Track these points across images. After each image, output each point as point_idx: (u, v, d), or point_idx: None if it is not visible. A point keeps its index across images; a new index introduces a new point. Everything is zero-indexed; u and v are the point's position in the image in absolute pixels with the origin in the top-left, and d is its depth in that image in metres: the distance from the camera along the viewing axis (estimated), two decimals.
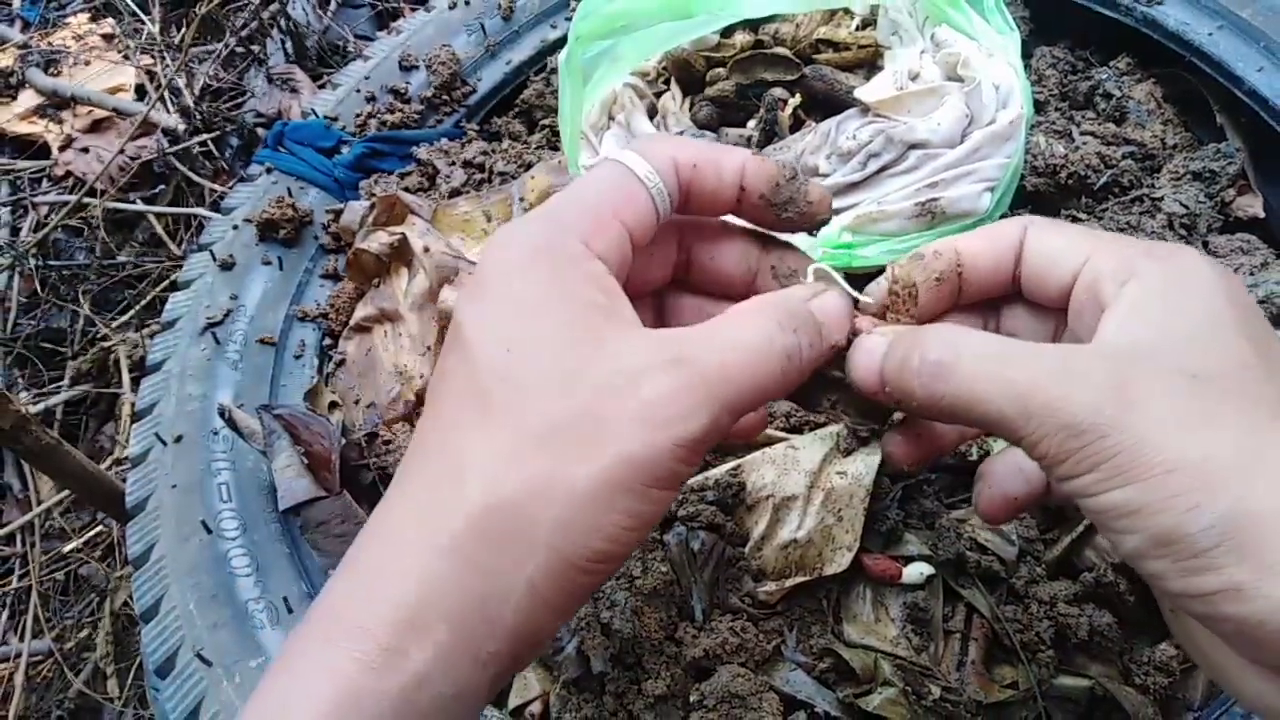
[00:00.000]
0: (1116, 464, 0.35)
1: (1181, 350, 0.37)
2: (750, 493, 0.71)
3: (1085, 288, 0.41)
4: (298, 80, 1.66)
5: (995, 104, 0.77)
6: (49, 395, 1.45)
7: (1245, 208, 0.88)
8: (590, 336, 0.38)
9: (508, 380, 0.38)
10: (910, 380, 0.39)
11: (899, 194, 0.74)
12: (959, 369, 0.38)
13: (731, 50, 0.92)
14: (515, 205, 0.89)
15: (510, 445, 0.37)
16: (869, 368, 0.42)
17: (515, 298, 0.40)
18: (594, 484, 0.36)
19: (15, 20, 1.95)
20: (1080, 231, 0.44)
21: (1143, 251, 0.40)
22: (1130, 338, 0.38)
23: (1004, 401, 0.37)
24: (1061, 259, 0.43)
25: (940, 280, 0.46)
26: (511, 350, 0.38)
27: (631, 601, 0.65)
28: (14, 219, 1.65)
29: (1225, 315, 0.37)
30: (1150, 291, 0.39)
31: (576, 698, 0.64)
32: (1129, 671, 0.63)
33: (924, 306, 0.46)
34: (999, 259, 0.45)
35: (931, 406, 0.39)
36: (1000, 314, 0.48)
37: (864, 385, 0.43)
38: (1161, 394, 0.35)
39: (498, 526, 0.37)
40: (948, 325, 0.43)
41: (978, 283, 0.46)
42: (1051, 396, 0.36)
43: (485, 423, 0.38)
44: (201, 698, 0.66)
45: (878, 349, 0.42)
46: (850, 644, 0.65)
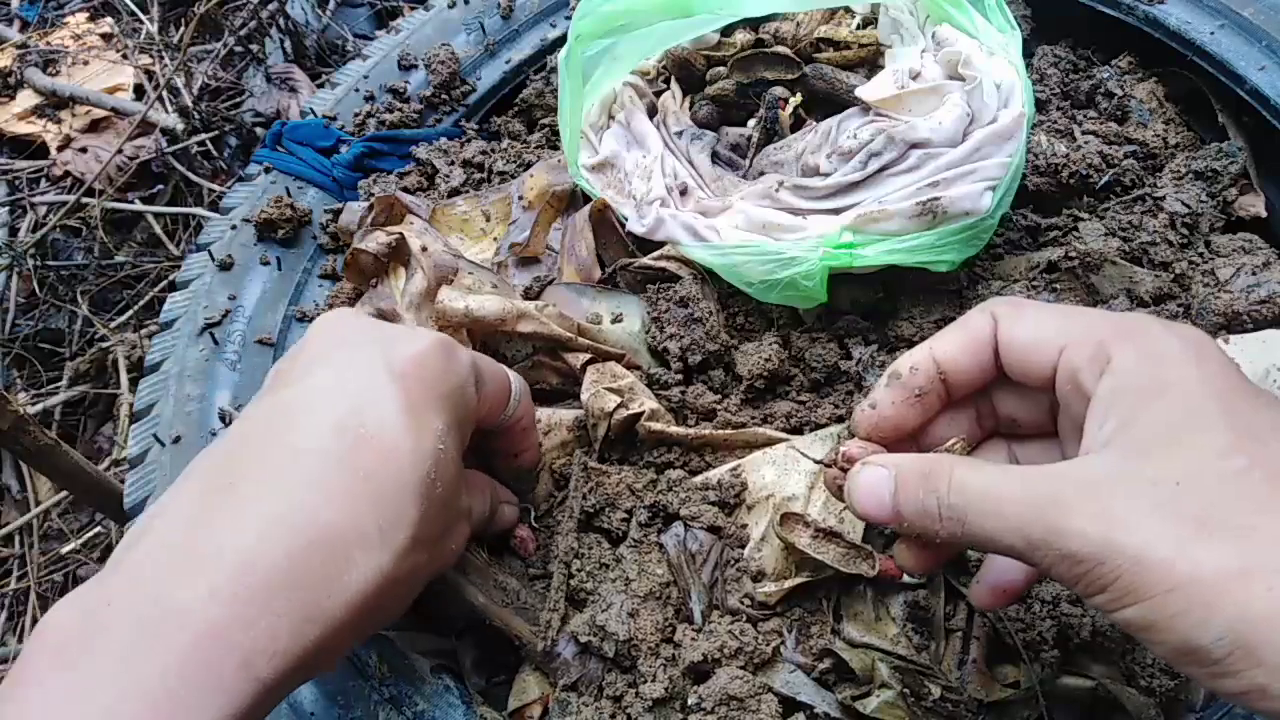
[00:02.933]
0: (1120, 587, 0.36)
1: (1163, 454, 0.38)
2: (751, 492, 0.70)
3: (1066, 379, 0.43)
4: (296, 79, 1.66)
5: (997, 103, 0.77)
6: (47, 396, 1.45)
7: (1247, 207, 0.88)
8: (462, 475, 0.55)
9: (432, 485, 0.49)
10: (932, 524, 0.42)
11: (900, 193, 0.74)
12: (969, 511, 0.41)
13: (732, 49, 0.92)
14: (515, 204, 0.89)
15: (417, 536, 0.48)
16: (879, 503, 0.45)
17: (445, 408, 0.51)
18: (429, 577, 0.53)
19: (14, 20, 1.95)
20: (1049, 314, 0.45)
21: (1114, 334, 0.41)
22: (1113, 444, 0.39)
23: (1011, 538, 0.39)
24: (1038, 350, 0.44)
25: (922, 394, 0.47)
26: (439, 460, 0.49)
27: (627, 604, 0.64)
28: (12, 219, 1.64)
29: (1203, 399, 0.39)
30: (1125, 387, 0.40)
31: (575, 702, 0.63)
32: (1132, 673, 0.63)
33: (916, 418, 0.48)
34: (977, 357, 0.47)
35: (952, 542, 0.42)
36: (992, 399, 0.50)
37: (873, 518, 0.45)
38: (1149, 511, 0.37)
39: (390, 594, 0.47)
40: (950, 461, 0.44)
41: (963, 383, 0.48)
42: (1048, 531, 0.38)
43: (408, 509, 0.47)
44: None
45: (885, 486, 0.44)
46: (851, 643, 0.65)
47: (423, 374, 0.50)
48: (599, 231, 0.83)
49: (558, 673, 0.64)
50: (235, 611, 0.40)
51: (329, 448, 0.45)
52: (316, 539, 0.43)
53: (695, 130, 0.88)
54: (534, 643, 0.65)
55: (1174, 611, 0.35)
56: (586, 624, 0.64)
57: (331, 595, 0.42)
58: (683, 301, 0.77)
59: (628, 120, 0.88)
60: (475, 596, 0.65)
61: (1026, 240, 0.85)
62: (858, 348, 0.77)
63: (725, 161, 0.87)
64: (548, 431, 0.73)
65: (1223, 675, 0.35)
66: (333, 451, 0.45)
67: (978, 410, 0.51)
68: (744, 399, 0.76)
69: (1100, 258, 0.79)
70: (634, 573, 0.66)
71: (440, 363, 0.51)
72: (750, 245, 0.74)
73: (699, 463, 0.73)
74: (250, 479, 0.44)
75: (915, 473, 0.43)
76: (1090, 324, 0.43)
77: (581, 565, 0.68)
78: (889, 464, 0.45)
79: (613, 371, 0.74)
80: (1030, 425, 0.50)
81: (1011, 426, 0.51)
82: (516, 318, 0.72)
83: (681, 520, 0.69)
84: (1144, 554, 0.36)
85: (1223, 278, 0.78)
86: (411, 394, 0.48)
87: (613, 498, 0.70)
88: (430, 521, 0.47)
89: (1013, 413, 0.50)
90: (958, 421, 0.51)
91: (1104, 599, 0.37)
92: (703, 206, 0.80)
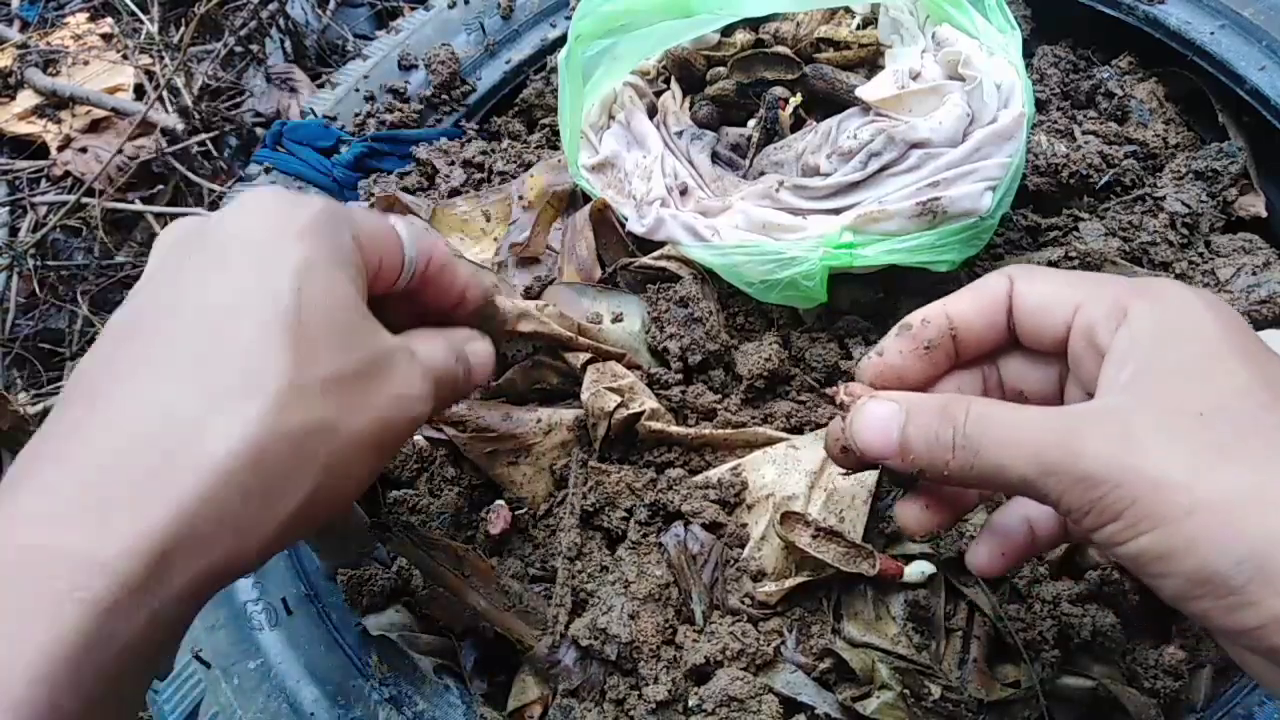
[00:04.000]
0: (1136, 511, 0.35)
1: (1183, 389, 0.37)
2: (751, 492, 0.70)
3: (1081, 335, 0.42)
4: (296, 80, 1.66)
5: (997, 103, 0.77)
6: (47, 396, 1.45)
7: (1247, 207, 0.88)
8: (361, 312, 0.44)
9: (298, 319, 0.40)
10: (943, 454, 0.41)
11: (900, 193, 0.74)
12: (985, 440, 0.39)
13: (732, 49, 0.92)
14: (515, 204, 0.89)
15: (299, 381, 0.39)
16: (884, 435, 0.43)
17: (302, 247, 0.42)
18: (360, 438, 0.41)
19: (14, 20, 1.95)
20: (1066, 277, 0.45)
21: (1131, 291, 0.41)
22: (1132, 384, 0.38)
23: (1025, 465, 0.38)
24: (1053, 309, 0.44)
25: (930, 348, 0.46)
26: (301, 290, 0.40)
27: (628, 606, 0.64)
28: (12, 219, 1.64)
29: (1221, 345, 0.38)
30: (1144, 333, 0.39)
31: (578, 707, 0.63)
32: (1133, 673, 0.63)
33: (922, 372, 0.47)
34: (990, 317, 0.46)
35: (959, 477, 0.41)
36: (999, 366, 0.49)
37: (873, 451, 0.43)
38: (1170, 436, 0.36)
39: (278, 456, 0.38)
40: (967, 397, 0.43)
41: (973, 342, 0.47)
42: (1065, 453, 0.37)
43: (272, 350, 0.39)
44: (200, 699, 0.66)
45: (893, 418, 0.43)
46: (851, 642, 0.65)
47: (263, 221, 0.43)
48: (599, 231, 0.83)
49: (559, 678, 0.64)
50: (63, 516, 0.34)
51: (169, 327, 0.40)
52: (157, 419, 0.36)
53: (695, 130, 0.88)
54: (536, 645, 0.65)
55: (1192, 535, 0.34)
56: (587, 627, 0.64)
57: (185, 469, 0.35)
58: (683, 301, 0.77)
59: (628, 120, 0.88)
60: (477, 600, 0.65)
61: (1026, 240, 0.85)
62: (858, 348, 0.77)
63: (725, 161, 0.87)
64: (548, 431, 0.73)
65: (1240, 607, 0.34)
66: (176, 330, 0.40)
67: (984, 379, 0.50)
68: (744, 399, 0.76)
69: (1100, 258, 0.79)
70: (633, 574, 0.66)
71: (283, 206, 0.44)
72: (750, 245, 0.74)
73: (699, 462, 0.73)
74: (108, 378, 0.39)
75: (930, 406, 0.42)
76: (1106, 284, 0.43)
77: (582, 567, 0.68)
78: (898, 398, 0.44)
79: (613, 371, 0.74)
80: (1037, 397, 0.49)
81: (1018, 399, 0.50)
82: (517, 317, 0.72)
83: (682, 519, 0.69)
84: (1163, 477, 0.35)
85: (1223, 278, 0.78)
86: (249, 238, 0.42)
87: (612, 497, 0.70)
88: (317, 361, 0.40)
89: (1020, 383, 0.49)
90: (960, 386, 0.50)
91: (1117, 527, 0.36)
92: (703, 206, 0.80)
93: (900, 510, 0.48)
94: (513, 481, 0.73)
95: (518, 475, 0.73)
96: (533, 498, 0.73)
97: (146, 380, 0.38)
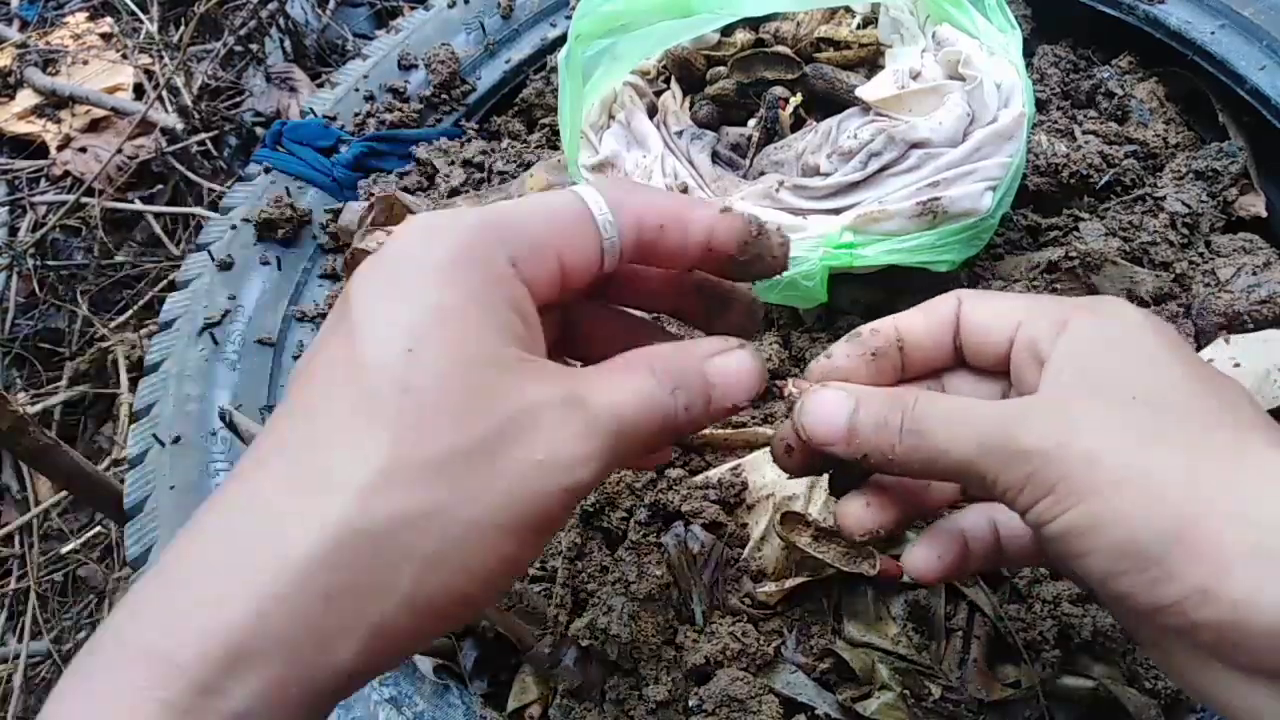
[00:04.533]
0: (1067, 486, 0.36)
1: (1118, 378, 0.39)
2: (751, 492, 0.70)
3: (1024, 347, 0.43)
4: (296, 79, 1.66)
5: (997, 103, 0.77)
6: (47, 396, 1.45)
7: (1248, 207, 0.88)
8: (500, 364, 0.36)
9: (405, 389, 0.34)
10: (889, 438, 0.41)
11: (900, 193, 0.74)
12: (932, 421, 0.41)
13: (732, 49, 0.92)
14: None
15: (394, 465, 0.33)
16: (831, 421, 0.43)
17: (428, 293, 0.36)
18: (479, 524, 0.34)
19: (13, 20, 1.95)
20: (1012, 298, 0.47)
21: (1073, 306, 0.42)
22: (1070, 376, 0.40)
23: (966, 446, 0.39)
24: (997, 325, 0.45)
25: (877, 356, 0.47)
26: (414, 351, 0.34)
27: (628, 606, 0.64)
28: (12, 219, 1.64)
29: (1157, 348, 0.40)
30: (1083, 338, 0.41)
31: (578, 708, 0.63)
32: (1134, 674, 0.63)
33: (868, 379, 0.47)
34: (937, 332, 0.47)
35: (903, 461, 0.42)
36: (944, 382, 0.49)
37: (820, 435, 0.43)
38: (1104, 417, 0.37)
39: (360, 553, 0.33)
40: (915, 389, 0.45)
41: (919, 356, 0.48)
42: (1004, 433, 0.38)
43: (367, 430, 0.34)
44: None
45: (843, 405, 0.43)
46: (852, 642, 0.65)
47: (392, 264, 0.37)
48: None
49: (559, 678, 0.64)
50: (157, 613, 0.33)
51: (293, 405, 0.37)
52: (252, 514, 0.34)
53: (695, 130, 0.88)
54: (536, 645, 0.65)
55: (1117, 507, 0.35)
56: (588, 627, 0.64)
57: (263, 569, 0.32)
58: None
59: (628, 120, 0.88)
60: None
61: (1027, 240, 0.85)
62: None
63: (725, 161, 0.87)
64: None
65: (1161, 581, 0.34)
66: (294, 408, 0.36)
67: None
68: None
69: (1100, 258, 0.79)
70: (633, 574, 0.66)
71: (419, 239, 0.37)
72: None
73: (699, 462, 0.73)
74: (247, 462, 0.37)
75: (879, 393, 0.43)
76: (1050, 302, 0.44)
77: (582, 567, 0.68)
78: (848, 388, 0.44)
79: None
80: None
81: None
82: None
83: (682, 519, 0.69)
84: (1094, 453, 0.36)
85: (1223, 278, 0.78)
86: (372, 288, 0.37)
87: (612, 497, 0.70)
88: (424, 438, 0.34)
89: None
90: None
91: (1046, 503, 0.37)
92: None
93: (841, 508, 0.47)
94: None
95: None
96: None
97: (253, 471, 0.35)
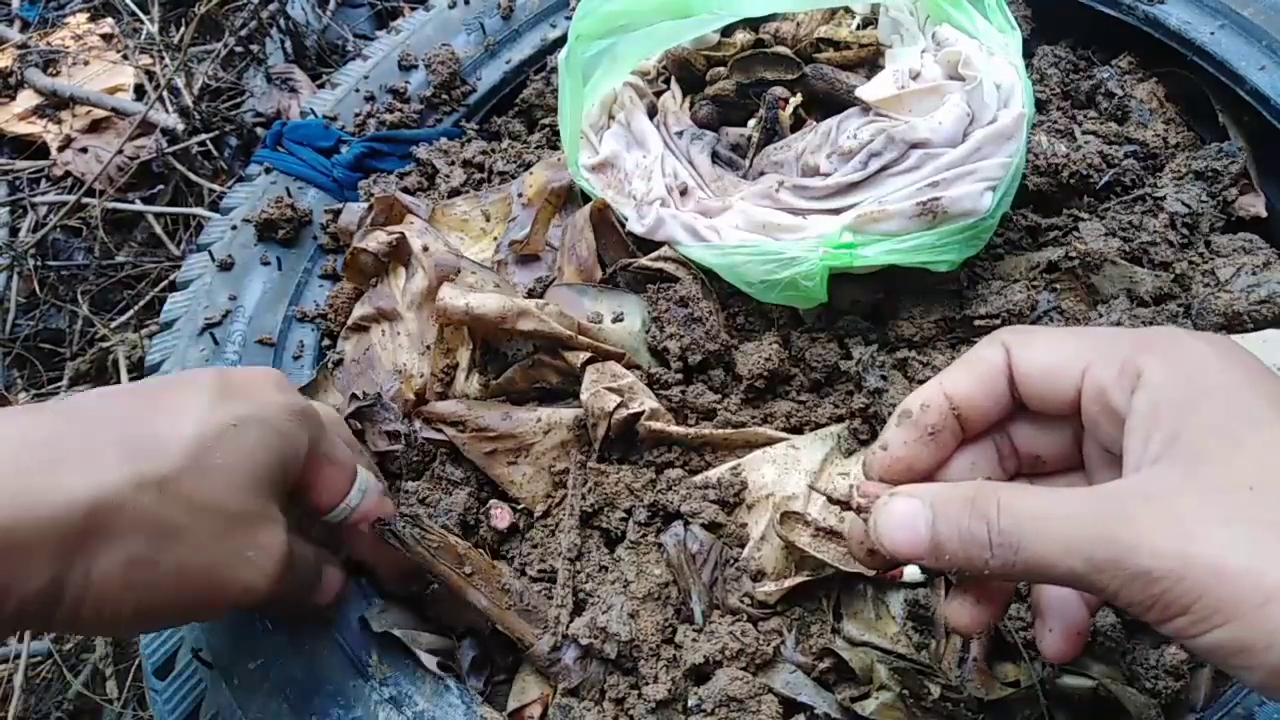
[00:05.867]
0: (1205, 606, 0.32)
1: (1223, 459, 0.35)
2: (751, 492, 0.70)
3: (1093, 400, 0.40)
4: (297, 80, 1.66)
5: (997, 103, 0.77)
6: (47, 396, 1.45)
7: (1247, 207, 0.88)
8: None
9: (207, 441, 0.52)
10: (980, 554, 0.38)
11: (900, 193, 0.74)
12: (1024, 535, 0.36)
13: (732, 49, 0.92)
14: (515, 204, 0.89)
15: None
16: (913, 538, 0.40)
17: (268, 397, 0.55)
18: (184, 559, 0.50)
19: (14, 20, 1.95)
20: (1065, 337, 0.43)
21: (1139, 347, 0.39)
22: (1165, 456, 0.36)
23: (1072, 560, 0.35)
24: (1058, 375, 0.41)
25: (935, 432, 0.44)
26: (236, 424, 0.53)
27: (628, 605, 0.64)
28: (13, 219, 1.64)
29: (1250, 401, 0.35)
30: (1163, 397, 0.37)
31: (577, 706, 0.63)
32: (1134, 673, 0.63)
33: (931, 457, 0.45)
34: (991, 389, 0.44)
35: (1001, 575, 0.38)
36: (1010, 434, 0.47)
37: (904, 553, 0.40)
38: (1225, 518, 0.33)
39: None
40: (994, 485, 0.40)
41: (978, 419, 0.45)
42: (1116, 547, 0.34)
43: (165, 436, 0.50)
44: (200, 699, 0.66)
45: (920, 517, 0.40)
46: (851, 641, 0.65)
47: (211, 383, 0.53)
48: (599, 231, 0.83)
49: (559, 677, 0.64)
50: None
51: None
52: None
53: (695, 130, 0.88)
54: (538, 644, 0.65)
55: (1270, 628, 0.31)
56: (587, 626, 0.64)
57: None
58: (683, 301, 0.77)
59: (628, 120, 0.88)
60: (478, 598, 0.65)
61: (1026, 240, 0.85)
62: (858, 348, 0.77)
63: (725, 161, 0.87)
64: (548, 431, 0.73)
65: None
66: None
67: (998, 449, 0.48)
68: (744, 399, 0.76)
69: (1100, 258, 0.79)
70: (633, 574, 0.66)
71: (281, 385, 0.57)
72: (750, 245, 0.74)
73: (699, 462, 0.73)
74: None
75: (957, 499, 0.39)
76: (1109, 340, 0.40)
77: (581, 567, 0.68)
78: (921, 494, 0.41)
79: (613, 371, 0.74)
80: (1056, 460, 0.47)
81: (1035, 465, 0.48)
82: (517, 315, 0.72)
83: (681, 519, 0.69)
84: (1226, 566, 0.32)
85: (1223, 278, 0.78)
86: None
87: (611, 497, 0.70)
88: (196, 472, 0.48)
89: (1034, 448, 0.47)
90: (974, 461, 0.47)
91: (1185, 621, 0.33)
92: (703, 206, 0.80)
93: (950, 610, 0.46)
94: (512, 481, 0.73)
95: (517, 475, 0.73)
96: (532, 498, 0.73)
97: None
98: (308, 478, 0.58)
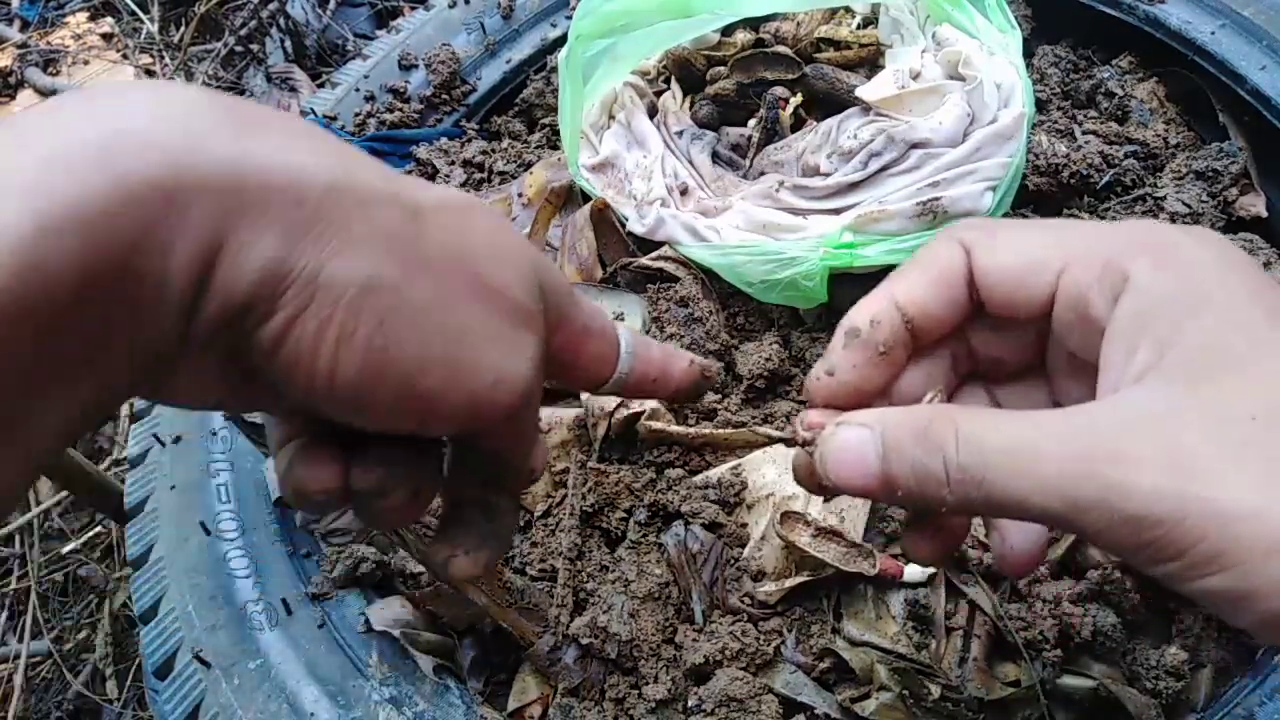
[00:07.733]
0: (1204, 550, 0.29)
1: (1223, 382, 0.31)
2: (751, 492, 0.70)
3: (1068, 306, 0.35)
4: (297, 79, 1.66)
5: (997, 103, 0.77)
6: None
7: (1248, 207, 0.88)
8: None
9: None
10: (937, 490, 0.33)
11: (900, 193, 0.74)
12: (990, 470, 0.32)
13: (732, 49, 0.92)
14: (515, 204, 0.89)
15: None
16: (861, 468, 0.35)
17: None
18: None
19: (14, 20, 1.95)
20: (1036, 235, 0.37)
21: (1127, 247, 0.34)
22: (1156, 379, 0.32)
23: (1048, 500, 0.31)
24: (1028, 280, 0.36)
25: (886, 351, 0.39)
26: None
27: (628, 604, 0.64)
28: None
29: (1254, 318, 0.31)
30: (1156, 314, 0.32)
31: (578, 706, 0.63)
32: (1134, 673, 0.63)
33: (881, 376, 0.40)
34: (949, 296, 0.39)
35: (963, 510, 0.34)
36: (969, 340, 0.42)
37: (854, 488, 0.36)
38: (1228, 454, 0.30)
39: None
40: (951, 411, 0.35)
41: (933, 329, 0.40)
42: (1102, 490, 0.30)
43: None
44: (200, 699, 0.66)
45: (868, 448, 0.35)
46: (851, 641, 0.65)
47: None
48: (599, 231, 0.83)
49: (559, 677, 0.64)
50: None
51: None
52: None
53: (695, 130, 0.88)
54: (538, 643, 0.65)
55: (1272, 576, 0.28)
56: (588, 625, 0.64)
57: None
58: (683, 301, 0.77)
59: (628, 120, 0.88)
60: (479, 596, 0.65)
61: None
62: None
63: (725, 161, 0.87)
64: (548, 431, 0.73)
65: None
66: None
67: (952, 355, 0.42)
68: (744, 399, 0.76)
69: None
70: (633, 574, 0.66)
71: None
72: (750, 245, 0.74)
73: (699, 462, 0.73)
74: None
75: (909, 428, 0.34)
76: (1089, 239, 0.35)
77: (581, 567, 0.68)
78: (871, 422, 0.36)
79: None
80: (1015, 364, 0.42)
81: (994, 366, 0.43)
82: None
83: (681, 519, 0.69)
84: (1233, 505, 0.29)
85: None
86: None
87: (611, 497, 0.70)
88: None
89: (993, 350, 0.42)
90: (929, 371, 0.42)
91: (1178, 566, 0.30)
92: (703, 206, 0.80)
93: (908, 541, 0.42)
94: None
95: None
96: (533, 497, 0.73)
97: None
98: (566, 339, 0.41)
